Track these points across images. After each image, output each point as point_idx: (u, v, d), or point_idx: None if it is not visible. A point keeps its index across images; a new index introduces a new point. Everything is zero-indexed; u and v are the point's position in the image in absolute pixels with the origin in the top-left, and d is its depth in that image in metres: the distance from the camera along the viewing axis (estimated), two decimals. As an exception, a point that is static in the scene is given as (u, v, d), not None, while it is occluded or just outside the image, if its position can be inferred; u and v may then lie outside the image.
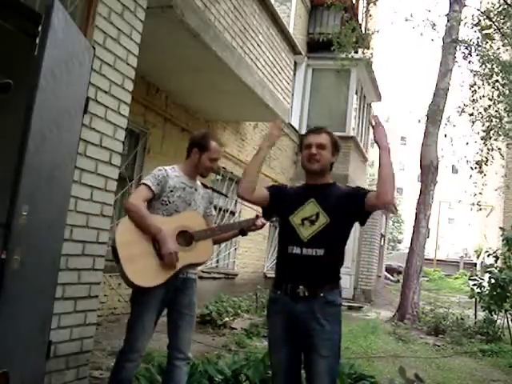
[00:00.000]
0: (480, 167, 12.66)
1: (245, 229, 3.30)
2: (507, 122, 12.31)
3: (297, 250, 2.59)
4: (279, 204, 2.77)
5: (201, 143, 3.20)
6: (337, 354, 2.61)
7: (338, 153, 2.77)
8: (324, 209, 2.62)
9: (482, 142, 12.46)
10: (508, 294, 7.86)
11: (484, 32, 11.49)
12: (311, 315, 2.53)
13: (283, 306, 2.60)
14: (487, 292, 8.20)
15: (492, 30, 11.58)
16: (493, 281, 8.01)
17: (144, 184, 3.06)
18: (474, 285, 8.65)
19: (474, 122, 12.62)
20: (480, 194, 13.92)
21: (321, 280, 2.59)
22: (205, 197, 3.32)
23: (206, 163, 3.19)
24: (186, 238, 3.05)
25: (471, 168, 12.83)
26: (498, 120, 12.31)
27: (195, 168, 3.21)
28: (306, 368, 2.63)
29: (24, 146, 2.44)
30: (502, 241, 8.42)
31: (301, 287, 2.55)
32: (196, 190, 3.24)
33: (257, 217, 3.26)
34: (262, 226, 3.29)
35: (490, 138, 12.35)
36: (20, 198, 2.41)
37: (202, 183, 3.36)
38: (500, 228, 8.99)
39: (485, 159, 12.55)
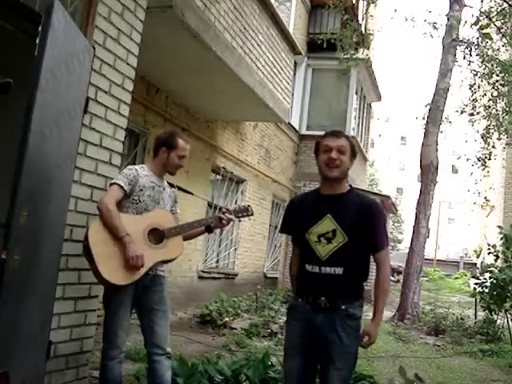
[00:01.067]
0: (484, 163, 12.68)
1: (211, 225, 3.34)
2: (509, 123, 12.31)
3: (315, 269, 2.57)
4: (294, 221, 2.72)
5: (168, 142, 3.27)
6: (352, 367, 2.63)
7: (355, 158, 2.70)
8: (341, 226, 2.56)
9: (483, 140, 12.48)
10: (508, 294, 7.85)
11: (483, 31, 11.48)
12: (331, 327, 2.53)
13: (303, 315, 2.60)
14: (488, 291, 8.20)
15: (490, 29, 11.57)
16: (493, 281, 8.00)
17: (116, 184, 3.10)
18: (476, 284, 8.64)
19: (473, 122, 12.63)
20: (490, 188, 13.91)
21: (342, 294, 2.58)
22: (171, 196, 3.38)
23: (174, 161, 3.26)
24: (158, 235, 3.11)
25: (472, 165, 12.84)
26: (497, 119, 12.32)
27: (163, 167, 3.29)
28: (320, 377, 2.64)
29: (24, 146, 2.44)
30: (501, 239, 8.41)
31: (322, 298, 2.55)
32: (164, 189, 3.31)
33: (223, 213, 3.32)
34: (228, 222, 3.33)
35: (491, 138, 12.36)
36: (20, 197, 2.41)
37: (168, 182, 3.42)
38: (498, 226, 8.97)
39: (488, 155, 12.57)
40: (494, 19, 11.64)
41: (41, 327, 2.89)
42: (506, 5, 11.34)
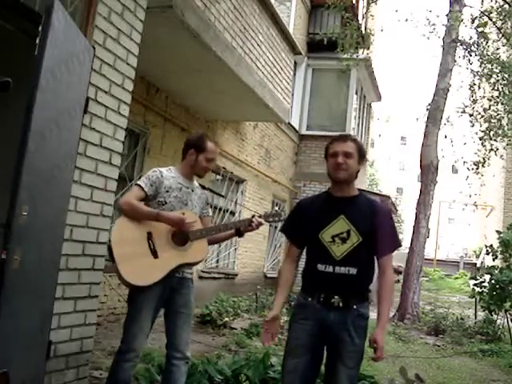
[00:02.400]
0: (477, 168, 12.65)
1: (241, 229, 3.30)
2: (507, 124, 12.30)
3: (329, 269, 2.57)
4: (305, 223, 2.70)
5: (197, 144, 3.24)
6: (359, 366, 2.65)
7: (364, 159, 2.73)
8: (355, 227, 2.59)
9: (480, 142, 12.46)
10: (508, 295, 7.85)
11: (480, 30, 11.48)
12: (343, 326, 2.55)
13: (314, 313, 2.59)
14: (487, 292, 8.21)
15: (488, 27, 11.56)
16: (493, 281, 8.00)
17: (137, 185, 3.11)
18: (475, 285, 8.66)
19: (473, 123, 12.61)
20: (478, 194, 13.87)
21: (354, 294, 2.61)
22: (202, 197, 3.33)
23: (202, 164, 3.23)
24: (182, 237, 3.07)
25: (468, 169, 12.82)
26: (497, 121, 12.31)
27: (192, 169, 3.25)
28: (327, 373, 2.63)
29: (24, 146, 2.44)
30: (499, 243, 8.41)
31: (336, 297, 2.56)
32: (193, 190, 3.26)
33: (253, 216, 3.28)
34: (259, 225, 3.29)
35: (491, 139, 12.35)
36: (20, 198, 2.41)
37: (199, 184, 3.38)
38: (496, 231, 8.95)
39: (482, 160, 12.55)
40: (494, 19, 11.63)
41: (41, 327, 2.89)
42: (505, 4, 11.33)
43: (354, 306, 2.57)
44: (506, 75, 11.49)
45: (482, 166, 12.60)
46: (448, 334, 8.38)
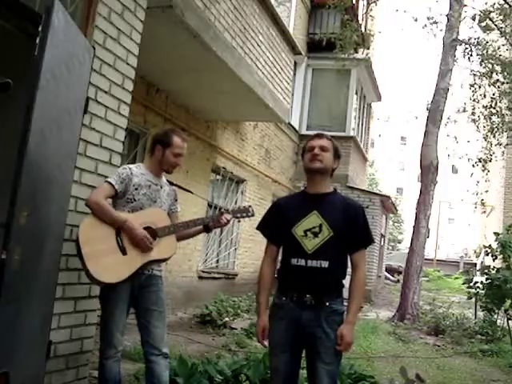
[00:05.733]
0: (484, 164, 12.67)
1: (209, 225, 3.31)
2: (509, 122, 12.30)
3: (301, 262, 2.63)
4: (281, 219, 2.76)
5: (163, 139, 3.22)
6: (339, 362, 2.69)
7: (339, 160, 2.82)
8: (327, 221, 2.65)
9: (484, 139, 12.49)
10: (505, 293, 7.86)
11: (482, 24, 11.47)
12: (317, 323, 2.59)
13: (289, 312, 2.64)
14: (484, 292, 8.24)
15: (490, 21, 11.56)
16: (489, 281, 8.02)
17: (107, 182, 3.09)
18: (470, 287, 8.77)
19: (475, 121, 12.62)
20: (486, 191, 13.87)
21: (326, 290, 2.65)
22: (170, 194, 3.34)
23: (170, 159, 3.21)
24: (150, 234, 3.07)
25: (473, 165, 12.83)
26: (499, 119, 12.31)
27: (160, 165, 3.24)
28: (308, 373, 2.68)
29: (24, 146, 2.44)
30: (497, 244, 8.41)
31: (308, 296, 2.61)
32: (161, 187, 3.26)
33: (221, 213, 3.28)
34: (227, 222, 3.30)
35: (494, 136, 12.37)
36: (20, 198, 2.41)
37: (167, 180, 3.38)
38: (494, 233, 8.95)
39: (489, 156, 12.57)
40: (494, 19, 11.63)
41: (41, 327, 2.89)
42: (505, 4, 11.33)
43: (327, 303, 2.61)
44: (507, 74, 11.49)
45: (490, 161, 12.63)
46: (448, 334, 8.37)
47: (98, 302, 3.59)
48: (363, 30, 13.60)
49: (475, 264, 25.78)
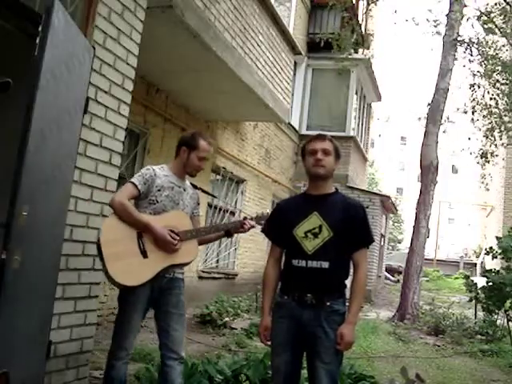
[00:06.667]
0: (486, 158, 12.70)
1: (231, 231, 3.29)
2: (509, 122, 12.30)
3: (302, 263, 2.64)
4: (282, 221, 2.79)
5: (189, 142, 3.19)
6: (339, 362, 2.69)
7: (339, 160, 2.83)
8: (327, 222, 2.66)
9: (486, 137, 12.51)
10: (506, 295, 7.86)
11: (486, 26, 11.47)
12: (317, 323, 2.60)
13: (290, 311, 2.66)
14: (485, 294, 8.24)
15: (492, 25, 11.56)
16: (490, 284, 8.02)
17: (130, 182, 3.07)
18: (470, 290, 8.78)
19: (473, 120, 12.64)
20: (487, 189, 13.88)
21: (327, 290, 2.65)
22: (193, 197, 3.30)
23: (194, 162, 3.18)
24: None
25: (478, 162, 12.83)
26: (499, 118, 12.32)
27: (184, 167, 3.20)
28: (308, 373, 2.69)
29: (24, 146, 2.44)
30: (499, 248, 8.39)
31: (308, 295, 2.62)
32: (185, 189, 3.23)
33: (245, 219, 3.27)
34: (250, 228, 3.27)
35: (494, 136, 12.40)
36: (20, 198, 2.41)
37: (191, 183, 3.35)
38: (496, 237, 8.93)
39: (490, 151, 12.61)
40: (494, 19, 11.63)
41: (41, 327, 2.89)
42: (506, 5, 11.32)
43: (328, 303, 2.62)
44: (507, 74, 11.49)
45: (491, 155, 12.66)
46: (448, 334, 8.37)
47: (97, 301, 3.59)
48: (363, 30, 13.59)
49: (475, 264, 25.79)
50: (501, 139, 12.75)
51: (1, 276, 2.34)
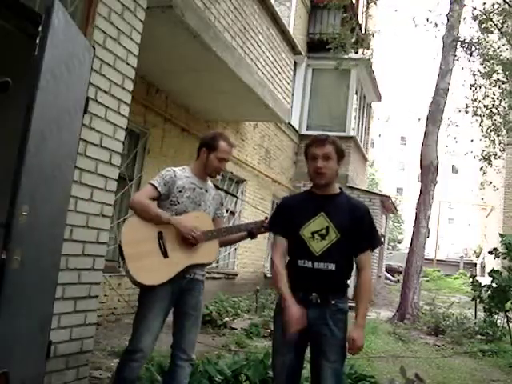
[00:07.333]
0: (489, 160, 12.70)
1: (253, 231, 3.27)
2: (510, 122, 12.29)
3: (308, 264, 2.62)
4: (287, 220, 2.74)
5: (209, 143, 3.17)
6: (343, 360, 2.68)
7: (343, 158, 2.77)
8: (334, 224, 2.64)
9: (488, 138, 12.51)
10: (509, 297, 7.86)
11: (483, 26, 11.47)
12: (322, 321, 2.59)
13: None
14: (488, 295, 8.23)
15: (490, 25, 11.56)
16: (494, 285, 8.01)
17: (150, 183, 3.07)
18: (474, 290, 8.76)
19: (478, 122, 12.63)
20: (490, 184, 13.85)
21: (332, 289, 2.65)
22: (216, 198, 3.27)
23: (214, 163, 3.15)
24: None
25: (482, 159, 12.81)
26: (501, 117, 12.31)
27: (204, 168, 3.18)
28: (312, 371, 2.67)
29: (24, 146, 2.44)
30: (501, 246, 8.39)
31: (314, 294, 2.61)
32: (206, 190, 3.20)
33: (266, 218, 3.24)
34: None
35: (498, 135, 12.38)
36: (20, 198, 2.41)
37: (214, 184, 3.33)
38: (500, 234, 8.93)
39: (494, 153, 12.60)
40: (494, 19, 11.63)
41: (41, 327, 2.89)
42: (505, 4, 11.32)
43: (333, 301, 2.62)
44: (507, 74, 11.49)
45: (494, 157, 12.66)
46: (448, 334, 8.37)
47: (97, 301, 3.59)
48: (363, 29, 13.59)
49: (475, 264, 25.80)
50: (507, 138, 12.71)
51: (1, 276, 2.34)
